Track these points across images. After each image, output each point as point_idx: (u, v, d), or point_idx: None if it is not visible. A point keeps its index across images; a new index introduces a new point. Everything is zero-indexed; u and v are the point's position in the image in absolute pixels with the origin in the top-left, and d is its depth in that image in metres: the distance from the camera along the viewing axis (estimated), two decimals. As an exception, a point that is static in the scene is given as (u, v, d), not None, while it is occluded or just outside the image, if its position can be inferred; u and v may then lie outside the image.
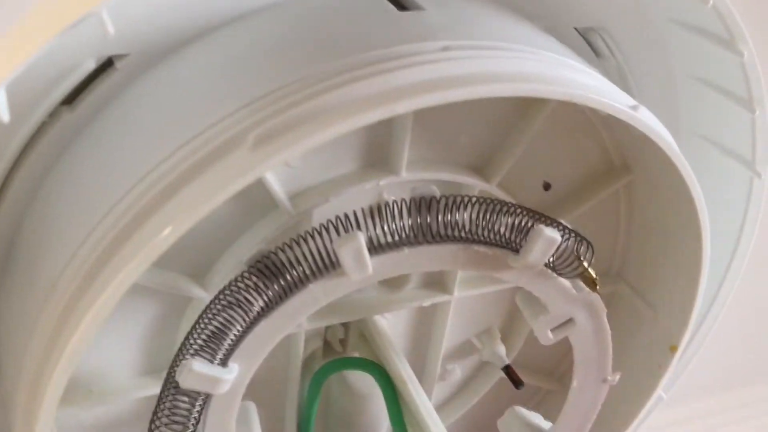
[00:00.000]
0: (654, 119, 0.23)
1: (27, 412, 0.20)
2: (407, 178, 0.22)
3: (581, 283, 0.22)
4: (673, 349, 0.28)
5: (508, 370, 0.27)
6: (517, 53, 0.21)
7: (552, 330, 0.23)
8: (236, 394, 0.21)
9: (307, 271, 0.20)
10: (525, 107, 0.23)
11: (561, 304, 0.22)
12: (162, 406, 0.21)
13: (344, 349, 0.26)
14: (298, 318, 0.21)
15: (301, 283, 0.20)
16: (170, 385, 0.21)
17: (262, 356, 0.21)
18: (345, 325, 0.26)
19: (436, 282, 0.26)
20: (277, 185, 0.21)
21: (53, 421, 0.20)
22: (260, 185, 0.20)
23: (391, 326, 0.26)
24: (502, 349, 0.28)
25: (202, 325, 0.20)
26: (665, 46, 0.27)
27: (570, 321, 0.22)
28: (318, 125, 0.18)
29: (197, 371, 0.20)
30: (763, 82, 0.27)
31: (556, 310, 0.22)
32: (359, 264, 0.20)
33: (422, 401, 0.23)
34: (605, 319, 0.23)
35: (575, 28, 0.27)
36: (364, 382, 0.26)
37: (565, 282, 0.22)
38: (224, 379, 0.20)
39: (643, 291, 0.29)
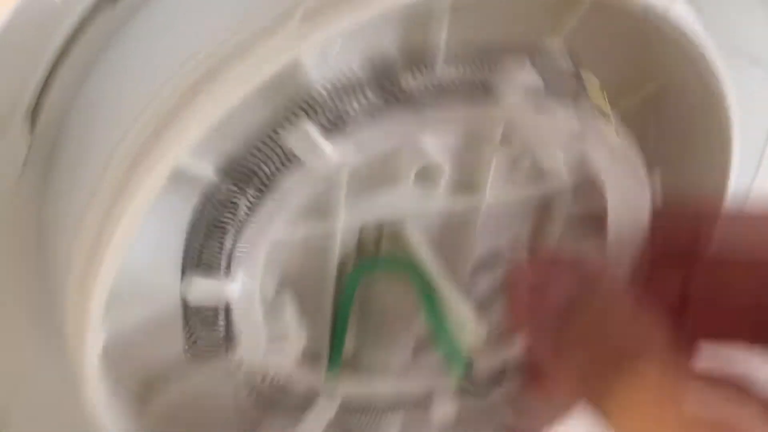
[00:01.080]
0: (689, 16, 0.23)
1: (77, 310, 0.21)
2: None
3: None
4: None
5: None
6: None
7: None
8: (251, 300, 0.22)
9: (273, 170, 0.20)
10: (557, 8, 0.24)
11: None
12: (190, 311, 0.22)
13: (377, 252, 0.26)
14: (281, 217, 0.21)
15: (269, 181, 0.20)
16: None
17: (261, 261, 0.21)
18: (378, 229, 0.26)
19: (467, 186, 0.26)
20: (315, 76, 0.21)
21: (103, 318, 0.21)
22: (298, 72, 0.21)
23: (422, 234, 0.26)
24: (530, 258, 0.28)
25: (195, 238, 0.21)
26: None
27: None
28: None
29: (199, 287, 0.21)
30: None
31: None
32: (314, 150, 0.20)
33: (458, 296, 0.24)
34: None
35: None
36: (397, 283, 0.26)
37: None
38: (228, 289, 0.21)
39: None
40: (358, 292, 0.26)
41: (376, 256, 0.26)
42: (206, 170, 0.22)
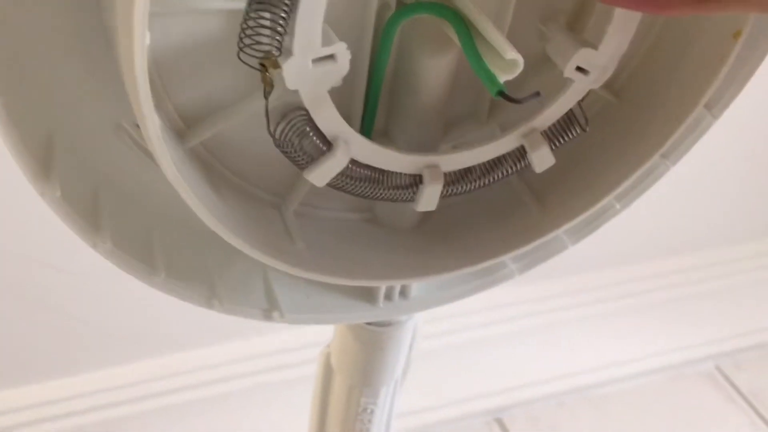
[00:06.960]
0: None
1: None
2: None
3: None
4: (737, 35, 0.28)
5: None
6: None
7: None
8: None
9: None
10: None
11: None
12: (250, 16, 0.22)
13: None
14: None
15: None
16: None
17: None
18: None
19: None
20: None
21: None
22: None
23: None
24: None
25: None
26: None
27: None
28: None
29: None
30: None
31: None
32: None
33: (493, 28, 0.24)
34: None
35: None
36: (433, 43, 0.27)
37: None
38: None
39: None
40: (395, 56, 0.26)
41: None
42: None
